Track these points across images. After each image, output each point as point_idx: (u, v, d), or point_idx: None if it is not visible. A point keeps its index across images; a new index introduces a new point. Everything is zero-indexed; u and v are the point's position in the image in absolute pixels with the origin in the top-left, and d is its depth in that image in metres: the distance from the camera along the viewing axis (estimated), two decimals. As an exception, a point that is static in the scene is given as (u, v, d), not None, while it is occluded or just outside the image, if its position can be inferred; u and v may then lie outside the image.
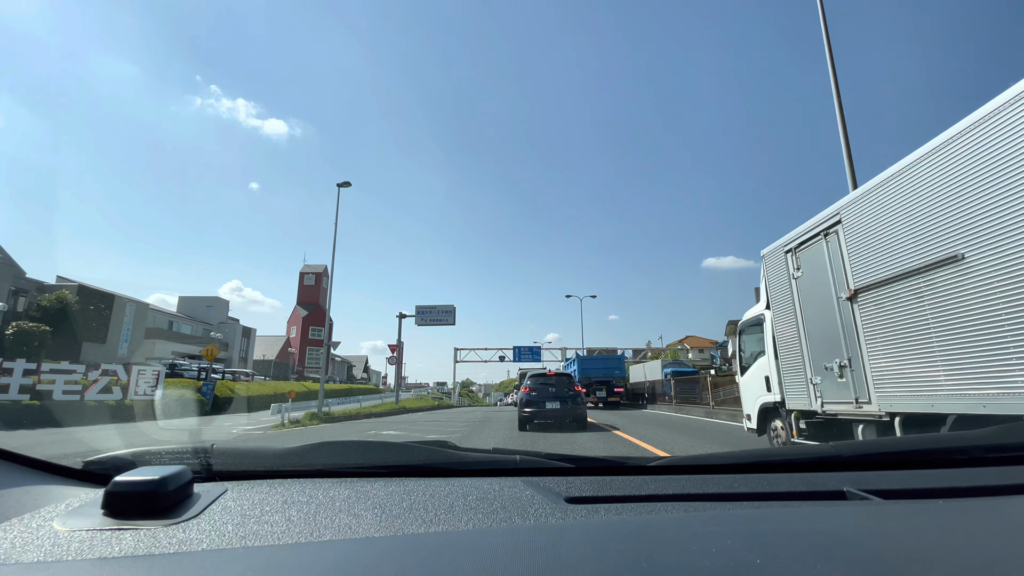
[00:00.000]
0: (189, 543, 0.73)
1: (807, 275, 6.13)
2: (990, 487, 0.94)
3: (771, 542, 0.65)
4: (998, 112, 3.60)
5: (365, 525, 0.81)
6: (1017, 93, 3.47)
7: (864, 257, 5.04)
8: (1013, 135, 3.47)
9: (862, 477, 1.00)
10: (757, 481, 1.01)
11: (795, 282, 6.39)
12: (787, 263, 6.55)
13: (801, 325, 6.25)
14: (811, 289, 6.05)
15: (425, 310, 34.81)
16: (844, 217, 5.33)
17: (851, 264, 5.24)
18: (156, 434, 12.31)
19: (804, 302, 6.24)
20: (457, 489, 0.97)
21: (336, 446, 1.20)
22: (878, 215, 4.81)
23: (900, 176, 4.53)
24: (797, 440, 6.49)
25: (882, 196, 4.75)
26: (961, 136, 3.88)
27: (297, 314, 59.05)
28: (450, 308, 35.01)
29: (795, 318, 6.39)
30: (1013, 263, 3.50)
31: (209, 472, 1.06)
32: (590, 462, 1.17)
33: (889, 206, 4.67)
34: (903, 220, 4.49)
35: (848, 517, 0.79)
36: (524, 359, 42.72)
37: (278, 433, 13.29)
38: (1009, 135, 3.50)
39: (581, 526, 0.80)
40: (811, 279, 6.03)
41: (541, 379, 12.00)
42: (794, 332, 6.41)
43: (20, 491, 0.93)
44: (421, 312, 34.56)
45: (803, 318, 6.23)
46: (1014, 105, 3.47)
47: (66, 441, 10.21)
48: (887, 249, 4.71)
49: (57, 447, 8.90)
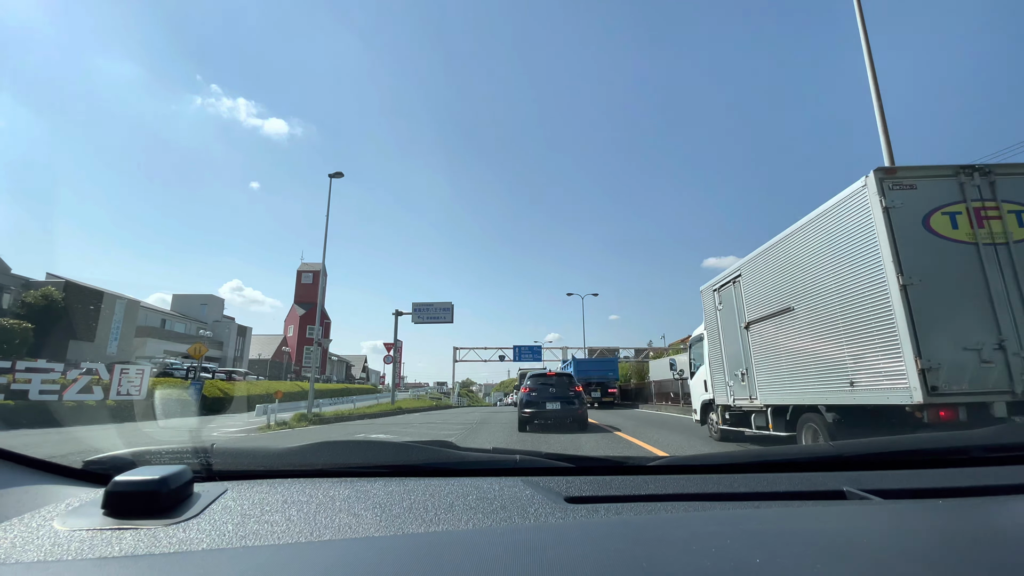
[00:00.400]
0: (189, 543, 0.73)
1: (724, 309, 8.62)
2: (990, 487, 0.94)
3: (771, 542, 0.65)
4: (801, 228, 6.24)
5: (365, 525, 0.81)
6: (809, 219, 6.03)
7: (751, 301, 7.63)
8: (808, 242, 6.08)
9: (862, 477, 1.00)
10: (757, 481, 1.01)
11: (718, 313, 8.88)
12: (714, 298, 9.06)
13: (722, 344, 8.71)
14: (727, 319, 8.54)
15: (422, 307, 33.43)
16: (742, 272, 7.91)
17: (745, 305, 7.79)
18: (131, 436, 11.55)
19: (723, 328, 8.71)
20: (457, 489, 0.97)
21: (336, 446, 1.19)
22: (756, 276, 7.46)
23: (765, 253, 7.18)
24: (723, 427, 8.69)
25: (757, 264, 7.44)
26: (786, 237, 6.59)
27: (294, 313, 58.45)
28: (447, 305, 33.71)
29: (718, 339, 8.84)
30: (814, 315, 5.99)
31: (209, 472, 1.06)
32: (590, 462, 1.17)
33: (761, 271, 7.32)
34: (768, 281, 7.12)
35: (848, 517, 0.79)
36: (524, 358, 42.07)
37: (262, 436, 12.70)
38: (806, 241, 6.12)
39: (581, 526, 0.80)
40: (727, 312, 8.51)
41: (541, 379, 11.73)
42: (718, 349, 8.82)
43: (20, 491, 0.93)
44: (418, 310, 33.25)
45: (723, 339, 8.69)
46: (808, 225, 6.06)
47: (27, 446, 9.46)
48: (761, 298, 7.31)
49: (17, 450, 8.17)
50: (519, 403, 11.79)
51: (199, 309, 49.75)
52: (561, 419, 11.23)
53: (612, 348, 44.18)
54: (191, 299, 50.00)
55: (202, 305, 50.16)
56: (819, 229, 5.86)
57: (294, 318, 58.02)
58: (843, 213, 5.45)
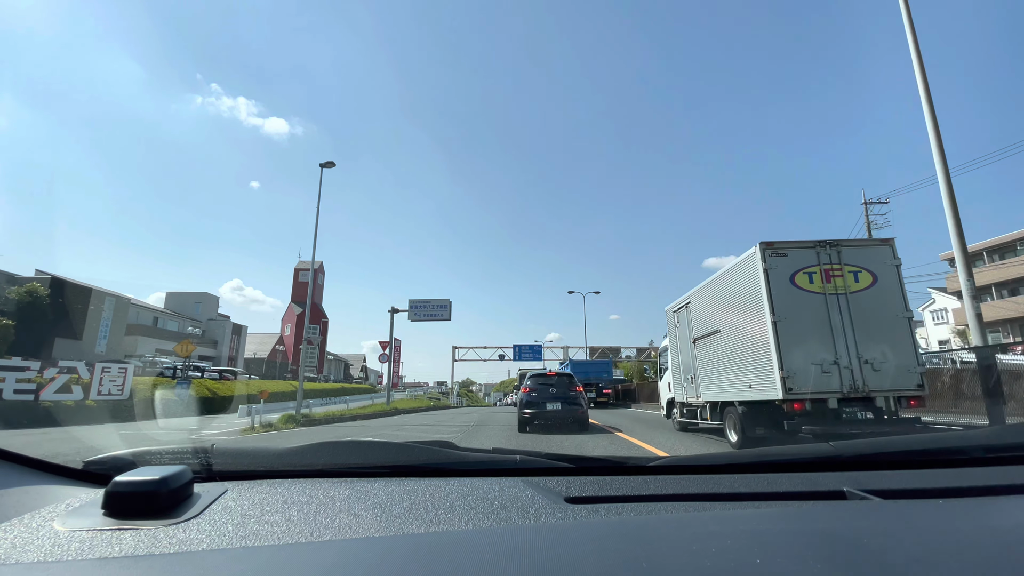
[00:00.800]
0: (189, 543, 0.73)
1: (680, 327, 10.93)
2: (990, 487, 0.94)
3: (771, 542, 0.65)
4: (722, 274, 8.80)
5: (365, 525, 0.81)
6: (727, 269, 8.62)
7: (696, 323, 9.94)
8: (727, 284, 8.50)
9: (862, 477, 1.00)
10: (757, 481, 1.02)
11: (676, 329, 11.25)
12: (673, 318, 11.46)
13: (679, 354, 11.06)
14: (682, 335, 10.84)
15: (419, 305, 31.97)
16: (691, 300, 10.23)
17: (692, 326, 10.10)
18: (100, 440, 10.70)
19: (679, 342, 11.04)
20: (457, 489, 0.97)
21: (336, 446, 1.20)
22: (699, 304, 9.82)
23: (704, 288, 9.66)
24: (681, 419, 11.00)
25: (700, 295, 9.82)
26: (715, 279, 9.11)
27: (292, 311, 57.51)
28: (445, 302, 32.27)
29: (676, 350, 11.21)
30: (731, 337, 8.27)
31: (209, 472, 1.06)
32: (590, 462, 1.17)
33: (702, 301, 9.70)
34: (706, 309, 9.49)
35: (848, 517, 0.79)
36: (525, 358, 41.34)
37: (244, 439, 11.79)
38: (726, 284, 8.56)
39: (581, 526, 0.80)
40: (682, 329, 10.81)
41: (541, 379, 11.55)
42: (677, 358, 11.22)
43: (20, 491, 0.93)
44: (415, 307, 31.85)
45: (679, 351, 11.01)
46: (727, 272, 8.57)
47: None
48: (702, 321, 9.64)
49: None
50: (519, 403, 11.57)
51: (193, 307, 48.76)
52: (562, 420, 11.03)
53: (614, 347, 43.61)
54: (185, 297, 48.96)
55: (196, 303, 49.10)
56: (732, 277, 8.37)
57: (291, 317, 57.09)
58: (744, 269, 7.84)
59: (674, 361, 11.34)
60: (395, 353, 56.76)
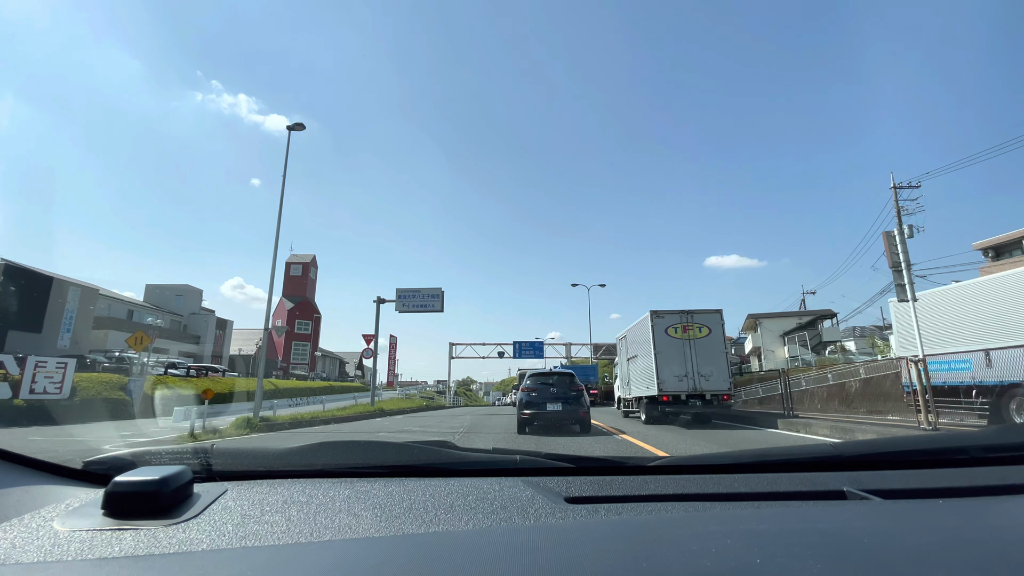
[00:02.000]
0: (189, 543, 0.73)
1: (621, 350, 18.01)
2: (990, 487, 0.94)
3: (771, 542, 0.65)
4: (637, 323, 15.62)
5: (365, 525, 0.81)
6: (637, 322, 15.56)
7: (628, 349, 16.66)
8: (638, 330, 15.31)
9: (862, 477, 1.00)
10: (757, 481, 1.02)
11: (620, 351, 18.49)
12: (619, 343, 18.63)
13: (626, 367, 17.02)
14: (621, 355, 18.00)
15: (408, 294, 28.26)
16: (627, 335, 17.05)
17: (628, 348, 16.77)
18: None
19: (621, 360, 18.01)
20: (457, 489, 0.97)
21: (336, 446, 1.20)
22: (630, 337, 16.53)
23: (631, 328, 16.61)
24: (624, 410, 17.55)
25: (630, 332, 16.53)
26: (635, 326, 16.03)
27: (283, 307, 54.61)
28: (436, 292, 28.55)
29: (625, 364, 17.19)
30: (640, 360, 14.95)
31: (209, 472, 1.06)
32: (590, 462, 1.17)
33: (630, 336, 16.49)
34: (632, 342, 16.23)
35: (848, 517, 0.80)
36: (525, 355, 39.26)
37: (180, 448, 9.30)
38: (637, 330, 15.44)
39: (581, 526, 0.80)
40: (622, 352, 17.81)
41: (542, 378, 11.33)
42: (625, 369, 17.16)
43: (20, 491, 0.93)
44: (403, 296, 28.17)
45: (623, 365, 17.47)
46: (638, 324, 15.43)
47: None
48: (630, 349, 16.39)
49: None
50: (518, 404, 11.29)
51: (173, 300, 45.04)
52: (562, 420, 10.81)
53: None
54: (165, 289, 45.30)
55: (177, 296, 45.32)
56: (639, 326, 14.86)
57: (282, 312, 54.04)
58: (644, 323, 14.10)
59: (620, 371, 18.08)
60: (391, 350, 54.44)
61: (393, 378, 54.14)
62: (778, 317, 41.45)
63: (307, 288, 55.90)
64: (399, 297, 28.43)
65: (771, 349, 40.14)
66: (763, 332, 40.65)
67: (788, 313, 42.23)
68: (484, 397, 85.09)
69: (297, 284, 55.62)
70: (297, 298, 54.63)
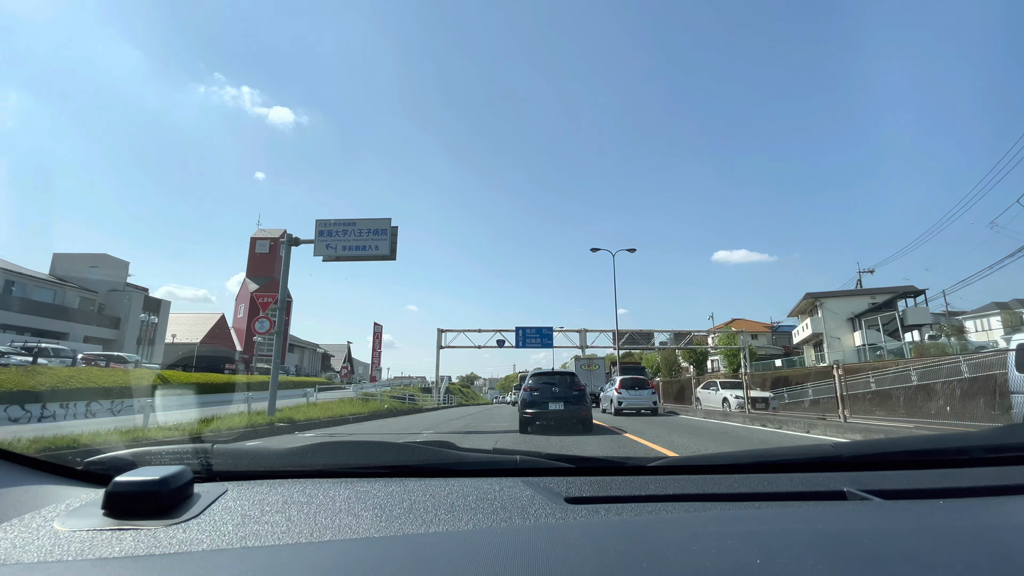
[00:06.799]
0: (189, 543, 0.73)
1: None
2: (990, 487, 0.94)
3: (771, 542, 0.65)
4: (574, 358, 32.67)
5: (365, 525, 0.81)
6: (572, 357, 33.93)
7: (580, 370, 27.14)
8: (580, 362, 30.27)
9: (862, 477, 1.00)
10: (757, 481, 1.02)
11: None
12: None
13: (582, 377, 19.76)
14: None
15: (335, 229, 15.22)
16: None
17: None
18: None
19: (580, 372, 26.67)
20: (457, 489, 0.97)
21: (336, 446, 1.20)
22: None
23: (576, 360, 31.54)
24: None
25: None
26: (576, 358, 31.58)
27: (246, 289, 46.48)
28: (383, 225, 15.08)
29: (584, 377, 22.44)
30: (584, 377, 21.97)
31: (209, 472, 1.06)
32: (590, 462, 1.17)
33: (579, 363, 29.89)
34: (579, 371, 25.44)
35: (848, 517, 0.80)
36: (531, 344, 31.80)
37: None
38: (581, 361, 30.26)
39: (581, 526, 0.80)
40: None
41: (543, 378, 11.44)
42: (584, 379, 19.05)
43: (20, 491, 0.93)
44: (328, 234, 15.16)
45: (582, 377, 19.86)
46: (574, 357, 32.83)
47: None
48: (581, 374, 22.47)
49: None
50: (520, 403, 11.38)
51: (87, 272, 35.79)
52: (565, 420, 10.83)
53: (645, 331, 34.52)
54: (77, 259, 36.10)
55: (91, 268, 35.99)
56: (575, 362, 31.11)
57: (245, 295, 46.20)
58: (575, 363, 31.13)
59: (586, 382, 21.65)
60: (375, 340, 47.00)
61: (376, 372, 46.70)
62: (845, 296, 34.37)
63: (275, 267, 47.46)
64: (321, 235, 15.09)
65: (836, 336, 32.73)
66: (825, 315, 33.26)
67: (858, 291, 34.97)
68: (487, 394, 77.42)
69: (264, 262, 48.18)
70: (263, 279, 47.11)
